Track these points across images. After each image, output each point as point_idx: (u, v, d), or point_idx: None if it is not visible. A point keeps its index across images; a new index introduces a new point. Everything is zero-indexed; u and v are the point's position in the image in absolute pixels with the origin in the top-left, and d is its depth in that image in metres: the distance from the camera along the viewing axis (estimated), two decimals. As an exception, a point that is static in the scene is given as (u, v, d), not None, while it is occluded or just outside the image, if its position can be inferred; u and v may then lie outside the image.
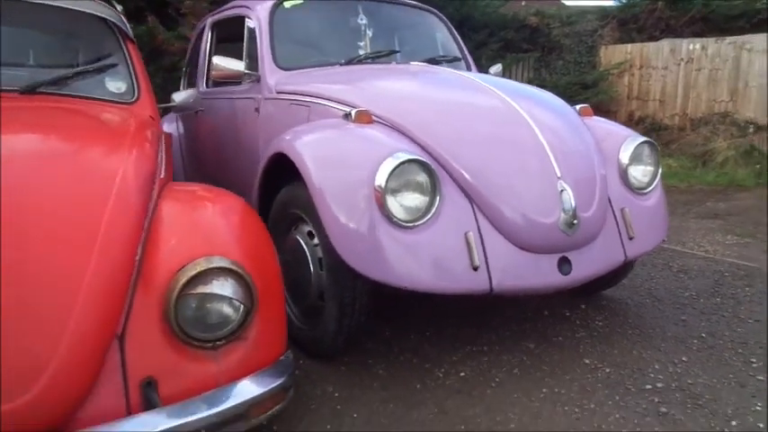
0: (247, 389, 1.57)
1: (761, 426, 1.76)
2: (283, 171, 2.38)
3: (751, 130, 7.45)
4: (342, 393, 1.99)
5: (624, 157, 2.40)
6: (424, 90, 2.50)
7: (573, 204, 2.08)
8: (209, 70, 3.51)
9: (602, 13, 10.03)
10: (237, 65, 2.79)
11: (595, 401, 1.91)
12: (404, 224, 1.92)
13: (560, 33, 9.57)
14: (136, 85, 2.45)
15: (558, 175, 2.11)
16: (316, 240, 2.16)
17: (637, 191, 2.40)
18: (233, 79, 2.89)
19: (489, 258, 2.00)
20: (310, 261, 2.16)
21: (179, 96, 2.60)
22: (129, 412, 1.43)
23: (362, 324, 2.11)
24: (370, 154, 1.99)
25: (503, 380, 2.06)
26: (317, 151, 2.11)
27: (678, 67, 8.38)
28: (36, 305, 1.38)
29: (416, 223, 1.94)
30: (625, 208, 2.32)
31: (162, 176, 1.96)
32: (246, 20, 3.07)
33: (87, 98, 2.31)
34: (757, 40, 7.46)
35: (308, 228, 2.21)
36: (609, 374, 2.09)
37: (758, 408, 1.86)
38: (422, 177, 1.96)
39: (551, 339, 2.38)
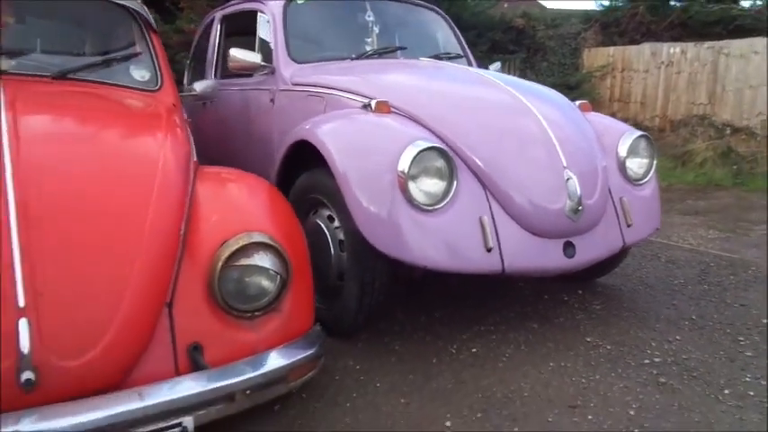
0: (285, 355, 1.69)
1: (751, 393, 1.92)
2: (299, 159, 2.50)
3: (728, 132, 7.73)
4: (363, 366, 2.11)
5: (622, 150, 2.57)
6: (437, 83, 2.64)
7: (578, 192, 2.22)
8: (218, 62, 3.60)
9: (586, 16, 10.29)
10: (254, 57, 2.89)
11: (600, 373, 2.06)
12: (424, 207, 2.05)
13: (545, 35, 9.80)
14: (159, 74, 2.54)
15: (564, 164, 2.25)
16: (336, 223, 2.28)
17: (634, 182, 2.57)
18: (249, 71, 2.99)
19: (501, 241, 2.14)
20: (331, 243, 2.28)
21: (200, 86, 2.70)
22: (178, 373, 1.54)
23: (381, 303, 2.23)
24: (392, 142, 2.12)
25: (512, 355, 2.20)
26: (342, 139, 2.23)
27: (659, 71, 8.64)
28: (98, 275, 1.48)
29: (435, 207, 2.07)
30: (623, 197, 2.49)
31: (195, 159, 2.07)
32: (259, 14, 3.17)
33: (114, 85, 2.40)
34: (735, 45, 7.75)
35: (327, 212, 2.33)
36: (610, 351, 2.24)
37: (747, 379, 2.02)
38: (440, 164, 2.09)
39: (553, 320, 2.53)
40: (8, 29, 2.35)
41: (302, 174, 2.46)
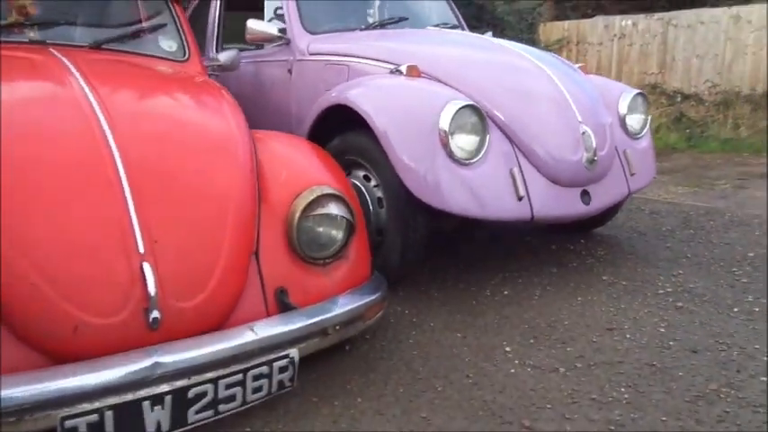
0: (358, 298, 1.84)
1: (756, 309, 2.21)
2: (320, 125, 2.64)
3: (678, 99, 8.20)
4: (411, 311, 2.28)
5: (623, 107, 2.81)
6: (455, 48, 2.80)
7: (594, 144, 2.44)
8: (218, 37, 3.65)
9: (540, -9, 10.61)
10: (272, 28, 2.97)
11: (624, 303, 2.30)
12: (463, 161, 2.23)
13: (504, 11, 10.06)
14: (186, 44, 2.61)
15: (580, 119, 2.47)
16: (373, 182, 2.43)
17: (633, 136, 2.82)
18: (266, 42, 3.07)
19: (530, 190, 2.34)
20: (369, 201, 2.42)
21: (224, 56, 2.77)
22: (268, 314, 1.67)
23: (422, 255, 2.40)
24: (429, 101, 2.28)
25: (541, 294, 2.42)
26: (380, 101, 2.37)
27: (612, 43, 9.03)
28: (198, 228, 1.61)
29: (472, 161, 2.25)
30: (626, 150, 2.73)
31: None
32: (267, -13, 3.24)
33: (147, 55, 2.45)
34: (683, 16, 8.20)
35: (363, 172, 2.47)
36: (626, 286, 2.49)
37: (750, 299, 2.31)
38: (475, 120, 2.27)
39: (568, 265, 2.77)
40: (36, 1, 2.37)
41: (334, 138, 2.58)
